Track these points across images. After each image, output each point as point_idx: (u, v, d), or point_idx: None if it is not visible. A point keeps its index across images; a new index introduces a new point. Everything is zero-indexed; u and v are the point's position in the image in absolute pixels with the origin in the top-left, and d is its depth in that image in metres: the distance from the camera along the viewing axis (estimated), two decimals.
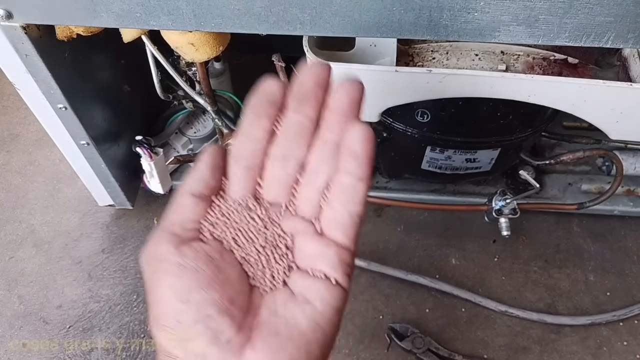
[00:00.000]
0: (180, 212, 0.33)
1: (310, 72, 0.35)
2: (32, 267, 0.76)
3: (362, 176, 0.33)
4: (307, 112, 0.35)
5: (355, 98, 0.34)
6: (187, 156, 0.63)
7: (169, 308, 0.30)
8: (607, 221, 0.78)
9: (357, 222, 0.34)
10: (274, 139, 0.35)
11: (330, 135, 0.34)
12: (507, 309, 0.70)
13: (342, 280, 0.33)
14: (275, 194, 0.35)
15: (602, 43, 0.41)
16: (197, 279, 0.31)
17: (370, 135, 0.33)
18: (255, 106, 0.35)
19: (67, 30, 0.52)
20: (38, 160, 0.89)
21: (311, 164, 0.35)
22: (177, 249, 0.32)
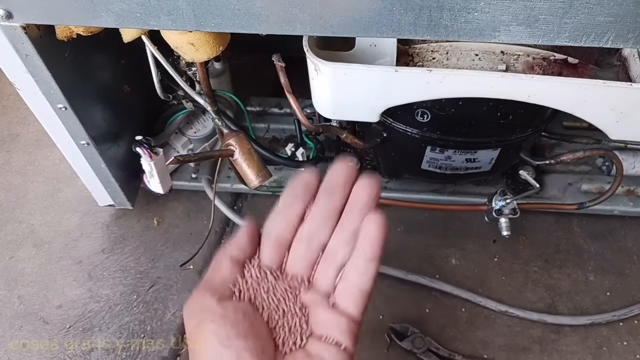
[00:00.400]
0: (221, 272, 0.40)
1: (342, 169, 0.42)
2: (32, 267, 0.77)
3: (374, 257, 0.40)
4: (334, 203, 0.42)
5: (374, 194, 0.41)
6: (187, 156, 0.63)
7: (212, 351, 0.36)
8: (607, 221, 0.78)
9: (366, 298, 0.41)
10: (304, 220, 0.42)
11: (350, 223, 0.41)
12: (507, 309, 0.70)
13: (349, 347, 0.39)
14: (298, 268, 0.42)
15: (602, 43, 0.41)
16: (237, 329, 0.36)
17: (384, 222, 0.40)
18: (293, 190, 0.43)
19: (67, 30, 0.52)
20: (38, 160, 0.89)
21: (331, 245, 0.42)
22: (220, 303, 0.38)
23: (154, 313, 0.72)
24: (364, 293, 0.40)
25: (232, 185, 0.79)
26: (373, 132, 0.66)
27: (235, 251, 0.41)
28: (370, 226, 0.40)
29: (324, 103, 0.57)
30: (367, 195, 0.41)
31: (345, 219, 0.42)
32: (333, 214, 0.42)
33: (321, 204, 0.42)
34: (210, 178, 0.78)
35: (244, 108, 0.80)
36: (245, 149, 0.61)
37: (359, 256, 0.41)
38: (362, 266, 0.40)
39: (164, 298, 0.73)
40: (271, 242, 0.42)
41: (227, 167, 0.80)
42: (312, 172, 0.42)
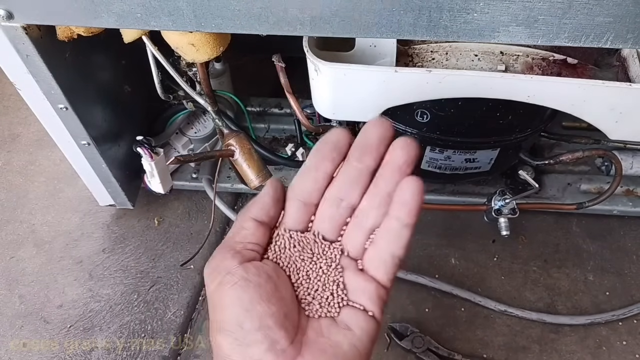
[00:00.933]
0: (243, 233, 0.38)
1: (377, 128, 0.39)
2: (32, 266, 0.77)
3: (409, 223, 0.38)
4: (367, 162, 0.39)
5: (411, 157, 0.38)
6: (187, 156, 0.63)
7: (233, 315, 0.34)
8: (606, 221, 0.78)
9: (397, 265, 0.38)
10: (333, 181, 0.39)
11: (384, 185, 0.38)
12: (506, 309, 0.70)
13: (377, 314, 0.38)
14: (325, 230, 0.40)
15: (601, 43, 0.41)
16: (260, 292, 0.35)
17: (421, 188, 0.37)
18: (322, 149, 0.39)
19: (68, 30, 0.52)
20: (39, 160, 0.89)
21: (362, 208, 0.39)
22: (242, 265, 0.36)
23: (155, 312, 0.72)
24: (395, 259, 0.38)
25: (233, 185, 0.79)
26: None
27: (257, 211, 0.39)
28: (406, 191, 0.37)
29: (324, 103, 0.57)
30: (403, 157, 0.38)
31: (378, 180, 0.39)
32: (365, 174, 0.39)
33: (352, 164, 0.39)
34: (210, 178, 0.78)
35: (244, 108, 0.80)
36: (246, 149, 0.61)
37: (393, 221, 0.38)
38: (396, 231, 0.38)
39: (165, 298, 0.73)
40: (297, 203, 0.40)
41: (228, 167, 0.80)
42: (342, 130, 0.39)
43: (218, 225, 0.80)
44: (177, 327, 0.70)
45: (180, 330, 0.70)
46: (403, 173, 0.38)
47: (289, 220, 0.40)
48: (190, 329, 0.71)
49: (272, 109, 0.86)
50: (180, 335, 0.70)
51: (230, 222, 0.81)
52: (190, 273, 0.75)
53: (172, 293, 0.74)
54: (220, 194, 0.80)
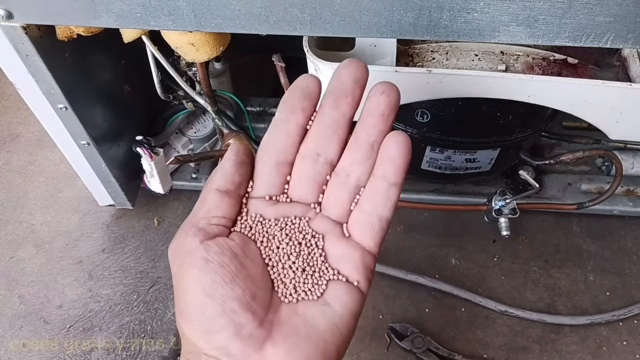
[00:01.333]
0: (205, 207, 0.34)
1: (349, 69, 0.34)
2: (32, 267, 0.77)
3: (396, 182, 0.34)
4: (343, 109, 0.34)
5: (394, 102, 0.34)
6: (187, 156, 0.63)
7: (194, 300, 0.31)
8: (606, 221, 0.78)
9: (385, 228, 0.35)
10: (307, 135, 0.35)
11: (365, 136, 0.34)
12: (506, 309, 0.70)
13: (363, 284, 0.34)
14: (303, 192, 0.35)
15: (601, 43, 0.41)
16: (222, 274, 0.31)
17: (408, 142, 0.33)
18: (290, 99, 0.34)
19: (68, 30, 0.52)
20: (38, 161, 0.89)
21: (343, 164, 0.35)
22: (203, 244, 0.32)
23: (154, 313, 0.72)
24: (383, 222, 0.34)
25: None
26: None
27: (220, 180, 0.34)
28: (392, 146, 0.34)
29: None
30: (384, 102, 0.34)
31: (358, 130, 0.34)
32: (342, 124, 0.34)
33: (326, 111, 0.34)
34: None
35: (244, 108, 0.80)
36: None
37: (379, 180, 0.34)
38: (383, 191, 0.34)
39: (164, 298, 0.73)
40: (269, 163, 0.35)
41: None
42: (311, 76, 0.35)
43: None
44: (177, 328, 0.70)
45: None
46: (386, 121, 0.34)
47: (261, 184, 0.35)
48: None
49: (272, 109, 0.86)
50: None
51: None
52: None
53: (171, 293, 0.73)
54: None
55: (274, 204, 0.35)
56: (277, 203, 0.35)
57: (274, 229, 0.34)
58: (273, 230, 0.34)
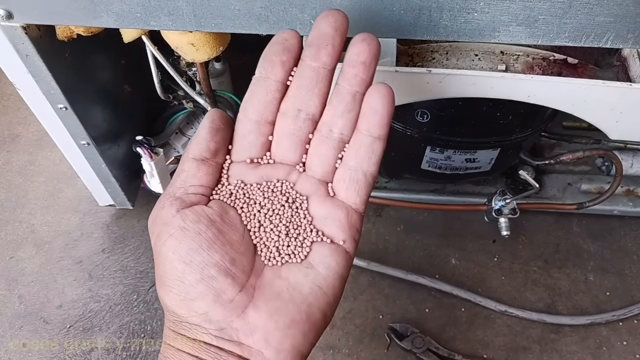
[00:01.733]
0: (182, 176, 0.33)
1: (328, 17, 0.32)
2: (32, 267, 0.77)
3: (380, 135, 0.33)
4: (323, 59, 0.33)
5: (375, 50, 0.32)
6: None
7: (172, 269, 0.30)
8: (606, 221, 0.78)
9: (371, 183, 0.34)
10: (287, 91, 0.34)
11: (347, 87, 0.33)
12: (506, 309, 0.70)
13: (349, 244, 0.33)
14: (286, 151, 0.34)
15: (601, 43, 0.41)
16: (199, 241, 0.30)
17: (391, 93, 0.32)
18: (269, 54, 0.33)
19: (68, 30, 0.52)
20: (38, 161, 0.89)
21: (325, 118, 0.34)
22: (179, 212, 0.31)
23: (154, 313, 0.72)
24: (368, 177, 0.33)
25: None
26: None
27: (195, 148, 0.33)
28: (375, 97, 0.32)
29: None
30: (365, 50, 0.32)
31: (340, 81, 0.33)
32: (323, 75, 0.33)
33: (307, 63, 0.33)
34: None
35: None
36: None
37: (363, 133, 0.33)
38: (367, 146, 0.33)
39: None
40: (249, 123, 0.34)
41: None
42: (291, 30, 0.33)
43: None
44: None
45: None
46: (368, 69, 0.33)
47: (241, 147, 0.34)
48: None
49: None
50: None
51: None
52: None
53: None
54: None
55: (255, 167, 0.34)
56: (259, 166, 0.34)
57: (255, 193, 0.33)
58: (255, 195, 0.33)
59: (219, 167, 0.34)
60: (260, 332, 0.30)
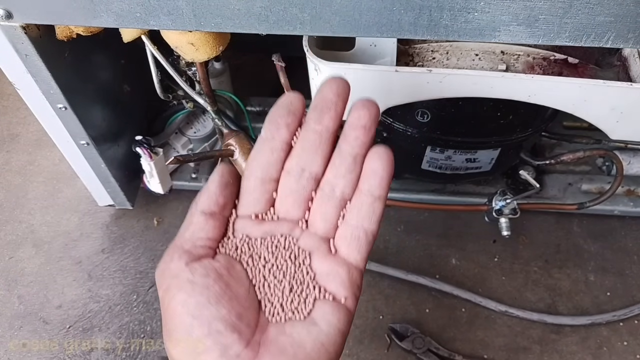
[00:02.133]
0: (190, 229, 0.34)
1: (331, 84, 0.35)
2: (32, 267, 0.77)
3: (381, 195, 0.35)
4: (326, 122, 0.35)
5: (375, 116, 0.35)
6: (187, 156, 0.62)
7: (181, 322, 0.31)
8: (607, 221, 0.78)
9: (371, 242, 0.35)
10: (291, 151, 0.36)
11: (349, 148, 0.35)
12: (507, 309, 0.70)
13: (350, 302, 0.34)
14: (290, 208, 0.36)
15: (602, 43, 0.41)
16: (207, 295, 0.31)
17: (391, 156, 0.35)
18: (274, 116, 0.36)
19: (67, 30, 0.52)
20: (38, 161, 0.89)
21: (327, 177, 0.35)
22: (188, 266, 0.32)
23: (154, 313, 0.72)
24: (369, 236, 0.35)
25: None
26: None
27: (204, 202, 0.34)
28: (375, 159, 0.35)
29: None
30: (366, 116, 0.35)
31: (342, 144, 0.35)
32: (325, 138, 0.35)
33: (311, 126, 0.35)
34: None
35: (243, 108, 0.80)
36: (245, 149, 0.61)
37: (364, 193, 0.35)
38: (368, 204, 0.35)
39: None
40: (255, 180, 0.35)
41: None
42: (295, 93, 0.36)
43: None
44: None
45: None
46: (368, 133, 0.35)
47: (247, 203, 0.36)
48: None
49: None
50: None
51: None
52: None
53: None
54: None
55: (260, 222, 0.35)
56: (263, 221, 0.35)
57: (260, 248, 0.34)
58: (259, 249, 0.34)
59: (226, 220, 0.35)
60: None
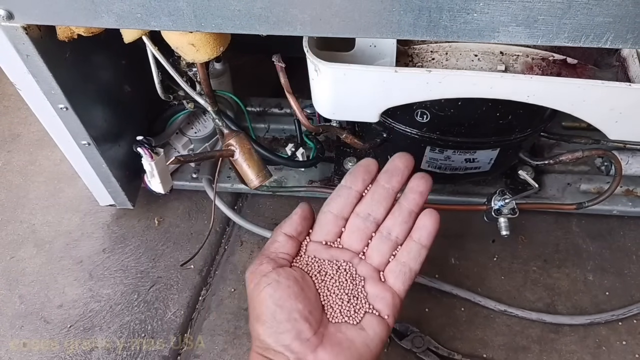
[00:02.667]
0: (275, 245, 0.47)
1: (402, 158, 0.48)
2: (33, 266, 0.77)
3: (427, 245, 0.48)
4: (393, 184, 0.48)
5: (429, 186, 0.49)
6: (187, 156, 0.63)
7: (267, 308, 0.42)
8: (606, 221, 0.78)
9: (413, 278, 0.47)
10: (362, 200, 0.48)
11: (407, 204, 0.48)
12: (506, 309, 0.70)
13: (391, 319, 0.45)
14: (353, 241, 0.47)
15: (601, 43, 0.41)
16: (288, 292, 0.43)
17: (438, 218, 0.48)
18: (355, 171, 0.49)
19: (68, 30, 0.52)
20: (39, 161, 0.89)
21: (386, 224, 0.48)
22: (275, 270, 0.44)
23: (155, 312, 0.72)
24: (413, 273, 0.47)
25: (233, 185, 0.79)
26: (373, 132, 0.66)
27: (288, 227, 0.47)
28: (427, 218, 0.47)
29: (324, 103, 0.57)
30: (423, 184, 0.48)
31: (402, 201, 0.48)
32: (390, 194, 0.48)
33: (381, 184, 0.48)
34: (210, 178, 0.78)
35: (244, 108, 0.80)
36: (246, 149, 0.61)
37: (414, 241, 0.47)
38: (416, 250, 0.47)
39: (165, 297, 0.73)
40: (330, 215, 0.47)
41: (228, 167, 0.80)
42: (372, 159, 0.49)
43: (218, 225, 0.80)
44: (177, 327, 0.71)
45: (180, 330, 0.70)
46: (422, 197, 0.48)
47: (320, 231, 0.47)
48: (191, 328, 0.71)
49: (272, 109, 0.86)
50: (180, 335, 0.70)
51: (230, 222, 0.81)
52: (190, 273, 0.75)
53: (172, 293, 0.74)
54: (220, 194, 0.80)
55: (328, 248, 0.47)
56: (331, 247, 0.47)
57: (327, 267, 0.46)
58: (326, 268, 0.46)
59: (300, 243, 0.48)
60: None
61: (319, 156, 0.77)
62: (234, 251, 0.78)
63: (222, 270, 0.76)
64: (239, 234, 0.80)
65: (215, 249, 0.78)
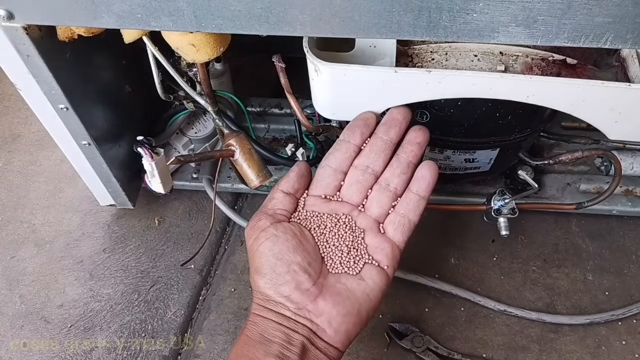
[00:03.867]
0: (273, 202, 0.47)
1: (400, 109, 0.49)
2: (33, 266, 0.77)
3: (425, 196, 0.48)
4: (392, 135, 0.48)
5: (427, 138, 0.49)
6: (188, 156, 0.63)
7: (267, 262, 0.43)
8: (605, 221, 0.78)
9: (412, 230, 0.48)
10: (360, 153, 0.48)
11: (405, 156, 0.48)
12: (506, 308, 0.70)
13: (390, 270, 0.46)
14: (352, 194, 0.48)
15: (600, 44, 0.41)
16: (287, 245, 0.44)
17: (437, 169, 0.48)
18: (353, 125, 0.49)
19: (69, 31, 0.52)
20: (39, 161, 0.89)
21: (385, 175, 0.48)
22: (273, 225, 0.45)
23: (155, 312, 0.72)
24: (412, 225, 0.47)
25: (233, 185, 0.80)
26: None
27: (285, 184, 0.48)
28: (425, 169, 0.48)
29: (324, 103, 0.57)
30: (421, 136, 0.48)
31: (400, 152, 0.48)
32: (389, 146, 0.48)
33: (379, 136, 0.48)
34: (210, 178, 0.78)
35: (244, 108, 0.80)
36: (246, 149, 0.61)
37: (413, 192, 0.47)
38: (415, 201, 0.47)
39: (165, 297, 0.73)
40: (329, 169, 0.48)
41: (228, 167, 0.80)
42: (371, 112, 0.49)
43: (218, 225, 0.80)
44: (178, 327, 0.71)
45: (180, 330, 0.70)
46: (421, 148, 0.48)
47: (319, 185, 0.48)
48: (191, 328, 0.71)
49: (272, 109, 0.86)
50: (181, 334, 0.70)
51: (231, 222, 0.81)
52: (190, 273, 0.76)
53: (172, 293, 0.74)
54: (220, 194, 0.80)
55: (327, 201, 0.48)
56: (330, 201, 0.48)
57: (326, 220, 0.47)
58: (325, 221, 0.46)
59: (297, 200, 0.48)
60: (326, 316, 0.43)
61: (319, 156, 0.77)
62: (234, 251, 0.78)
63: (222, 270, 0.76)
64: (239, 234, 0.80)
65: (215, 249, 0.78)
